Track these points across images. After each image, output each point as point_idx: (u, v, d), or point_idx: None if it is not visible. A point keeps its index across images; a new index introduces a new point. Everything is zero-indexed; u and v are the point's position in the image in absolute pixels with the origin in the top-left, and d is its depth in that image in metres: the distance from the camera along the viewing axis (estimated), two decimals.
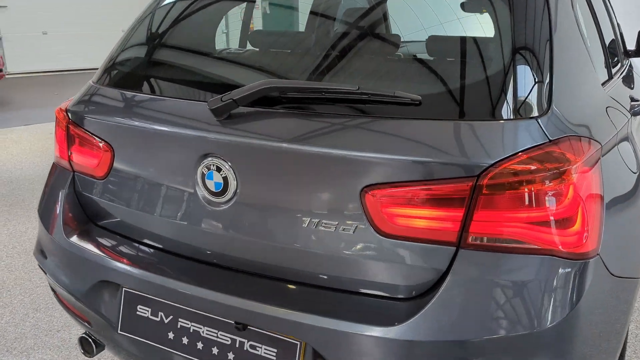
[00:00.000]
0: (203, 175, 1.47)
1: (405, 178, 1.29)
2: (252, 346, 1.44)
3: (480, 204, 1.26)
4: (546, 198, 1.26)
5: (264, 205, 1.43)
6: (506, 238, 1.27)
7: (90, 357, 1.86)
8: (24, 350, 2.45)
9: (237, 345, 1.46)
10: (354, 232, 1.34)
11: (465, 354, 1.24)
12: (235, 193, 1.45)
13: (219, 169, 1.45)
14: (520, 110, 1.31)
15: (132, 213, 1.66)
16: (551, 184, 1.26)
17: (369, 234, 1.33)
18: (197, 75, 1.71)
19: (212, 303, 1.44)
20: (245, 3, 2.28)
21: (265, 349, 1.42)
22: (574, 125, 1.38)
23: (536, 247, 1.26)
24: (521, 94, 1.33)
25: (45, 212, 1.83)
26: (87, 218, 1.80)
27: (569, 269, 1.27)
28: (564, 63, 1.46)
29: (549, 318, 1.23)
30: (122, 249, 1.66)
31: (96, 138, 1.70)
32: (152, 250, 1.64)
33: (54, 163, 1.91)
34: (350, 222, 1.34)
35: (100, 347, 1.81)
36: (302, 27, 2.11)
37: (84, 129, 1.73)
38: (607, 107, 1.64)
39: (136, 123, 1.60)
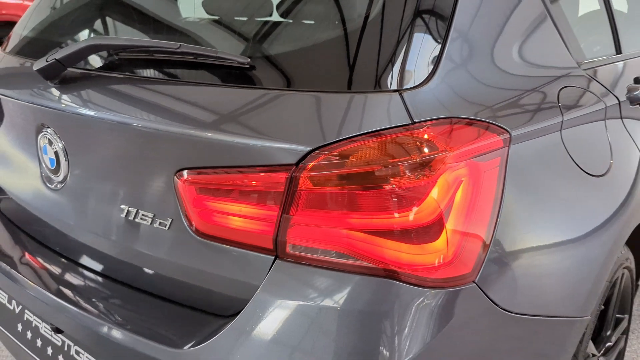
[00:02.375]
0: (39, 147, 1.28)
1: (217, 162, 1.00)
2: (77, 352, 1.23)
3: (299, 202, 0.95)
4: (390, 199, 0.92)
5: (90, 187, 1.21)
6: (332, 250, 0.94)
7: None
8: None
9: (65, 349, 1.26)
10: (169, 227, 1.08)
11: None
12: (68, 171, 1.23)
13: (49, 142, 1.24)
14: (375, 80, 0.97)
15: (5, 189, 1.50)
16: (400, 180, 0.92)
17: (184, 231, 1.06)
18: (67, 37, 1.51)
19: (34, 298, 1.24)
20: None
21: (86, 356, 1.21)
22: (468, 104, 1.01)
23: (371, 265, 0.93)
24: (382, 59, 0.98)
25: None
26: None
27: (419, 299, 0.93)
28: (482, 22, 1.09)
29: None
30: None
31: None
32: (12, 230, 1.48)
33: None
34: (165, 215, 1.08)
35: None
36: None
37: None
38: (560, 88, 1.22)
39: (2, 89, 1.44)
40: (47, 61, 1.18)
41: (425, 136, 0.94)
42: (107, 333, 1.08)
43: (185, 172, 1.03)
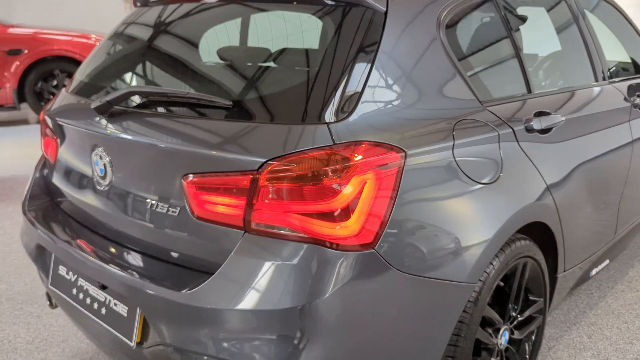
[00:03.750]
0: (93, 161, 1.83)
1: (208, 169, 1.53)
2: (114, 304, 1.76)
3: (258, 195, 1.46)
4: (316, 193, 1.42)
5: (126, 188, 1.74)
6: (281, 226, 1.45)
7: (52, 308, 2.30)
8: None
9: (107, 302, 1.78)
10: (178, 214, 1.61)
11: (228, 323, 1.45)
12: (112, 178, 1.78)
13: (100, 157, 1.79)
14: (311, 116, 1.49)
15: (65, 192, 2.06)
16: (321, 180, 1.42)
17: (187, 216, 1.58)
18: (112, 81, 2.07)
19: (87, 265, 1.78)
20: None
21: (121, 306, 1.73)
22: (370, 133, 1.51)
23: (304, 235, 1.43)
24: (316, 106, 1.50)
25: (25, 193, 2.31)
26: (48, 195, 2.24)
27: (336, 258, 1.42)
28: (393, 85, 1.61)
29: (293, 300, 1.40)
30: (52, 220, 2.06)
31: (50, 131, 2.13)
32: (70, 221, 2.03)
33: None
34: (176, 205, 1.61)
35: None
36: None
37: (46, 123, 2.17)
38: (456, 122, 1.71)
39: (64, 119, 2.01)
40: (100, 102, 1.73)
41: (340, 153, 1.45)
42: (134, 285, 1.61)
43: (190, 176, 1.55)
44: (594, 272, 2.73)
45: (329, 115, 1.50)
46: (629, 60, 3.31)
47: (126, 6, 11.51)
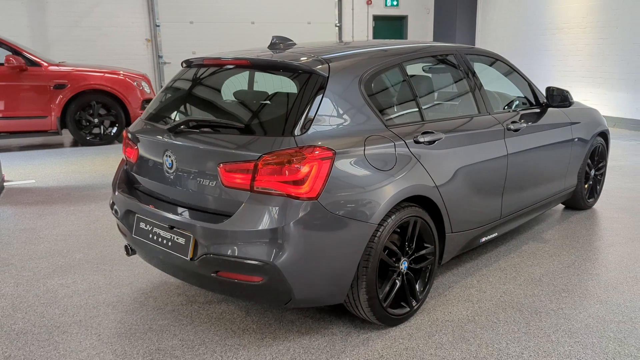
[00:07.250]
0: (165, 159, 3.22)
1: (232, 159, 2.91)
2: (176, 238, 3.12)
3: (258, 172, 2.83)
4: (288, 171, 2.80)
5: (185, 173, 3.12)
6: (270, 188, 2.82)
7: (128, 255, 3.67)
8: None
9: (171, 238, 3.14)
10: (214, 185, 2.98)
11: (241, 237, 2.81)
12: (176, 168, 3.16)
13: (169, 157, 3.18)
14: (287, 132, 2.87)
15: (141, 179, 3.45)
16: (290, 165, 2.80)
17: (219, 185, 2.95)
18: (175, 113, 3.47)
19: (160, 217, 3.15)
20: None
21: (181, 239, 3.09)
22: (317, 141, 2.89)
23: (282, 193, 2.80)
24: (290, 126, 2.89)
25: (113, 181, 3.70)
26: (129, 183, 3.63)
27: (296, 205, 2.79)
28: (331, 115, 3.00)
29: (275, 224, 2.76)
30: (136, 195, 3.45)
31: (131, 142, 3.53)
32: (146, 195, 3.41)
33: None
34: (213, 180, 2.98)
35: (133, 251, 3.61)
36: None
37: (129, 137, 3.58)
38: (367, 137, 3.09)
39: (142, 135, 3.41)
40: (172, 124, 3.14)
41: (301, 151, 2.82)
42: (191, 223, 2.97)
43: (221, 164, 2.93)
44: (483, 239, 4.08)
45: (296, 131, 2.88)
46: (523, 96, 4.71)
47: (148, 45, 13.09)
